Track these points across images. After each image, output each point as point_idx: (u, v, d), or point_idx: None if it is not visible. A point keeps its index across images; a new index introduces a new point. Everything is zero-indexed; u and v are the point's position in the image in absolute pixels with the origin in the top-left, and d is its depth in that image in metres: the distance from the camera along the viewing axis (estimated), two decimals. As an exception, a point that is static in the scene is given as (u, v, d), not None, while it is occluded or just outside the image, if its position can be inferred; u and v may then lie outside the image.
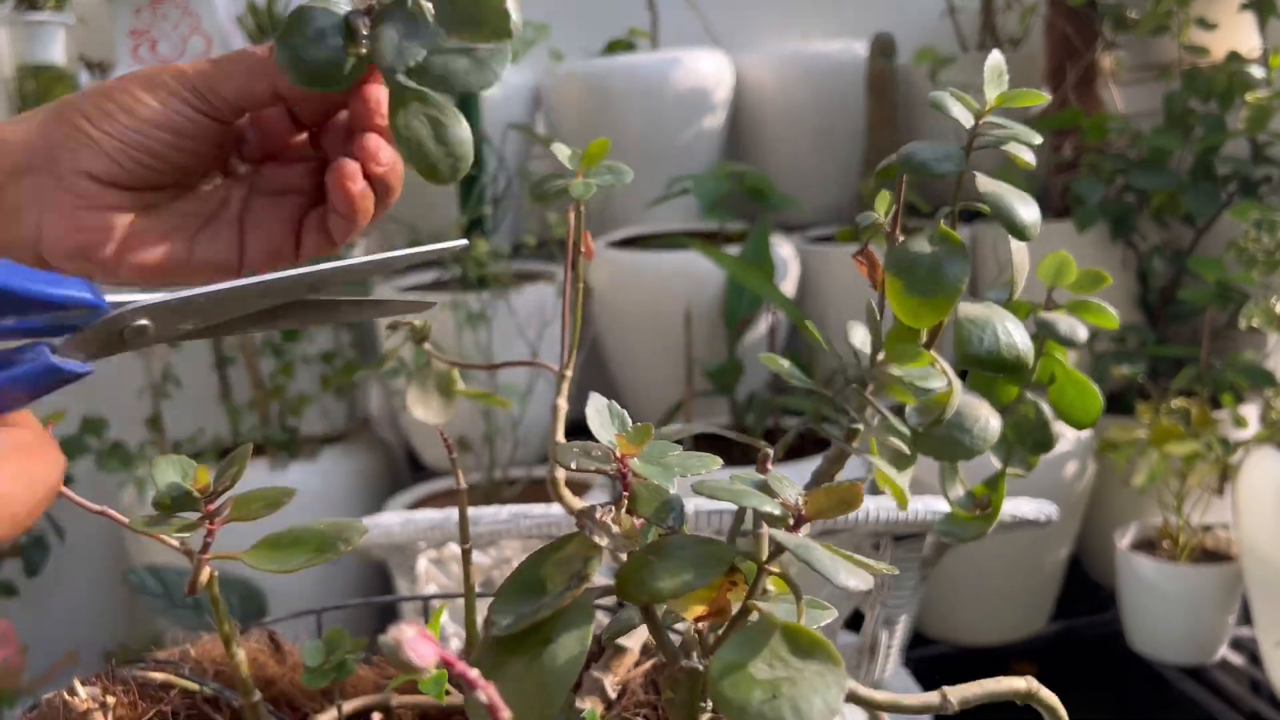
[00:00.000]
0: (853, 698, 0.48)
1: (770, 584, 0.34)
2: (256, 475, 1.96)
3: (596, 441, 0.36)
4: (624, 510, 0.35)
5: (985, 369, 0.51)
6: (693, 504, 0.88)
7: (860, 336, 0.54)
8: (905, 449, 0.57)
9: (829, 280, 2.05)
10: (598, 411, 0.37)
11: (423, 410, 0.67)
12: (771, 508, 0.32)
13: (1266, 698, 1.75)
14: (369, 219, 0.50)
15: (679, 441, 0.38)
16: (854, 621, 1.12)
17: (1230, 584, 1.76)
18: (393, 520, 0.95)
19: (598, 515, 0.35)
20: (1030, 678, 0.51)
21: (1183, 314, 2.01)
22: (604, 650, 0.59)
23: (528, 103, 2.21)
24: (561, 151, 0.57)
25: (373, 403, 2.32)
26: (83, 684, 0.53)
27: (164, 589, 1.79)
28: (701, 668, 0.34)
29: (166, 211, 0.50)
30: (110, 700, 0.53)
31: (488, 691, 0.23)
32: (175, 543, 0.46)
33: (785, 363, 0.54)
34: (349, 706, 0.57)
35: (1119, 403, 2.01)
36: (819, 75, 2.19)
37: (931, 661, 1.88)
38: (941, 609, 1.93)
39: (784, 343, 2.04)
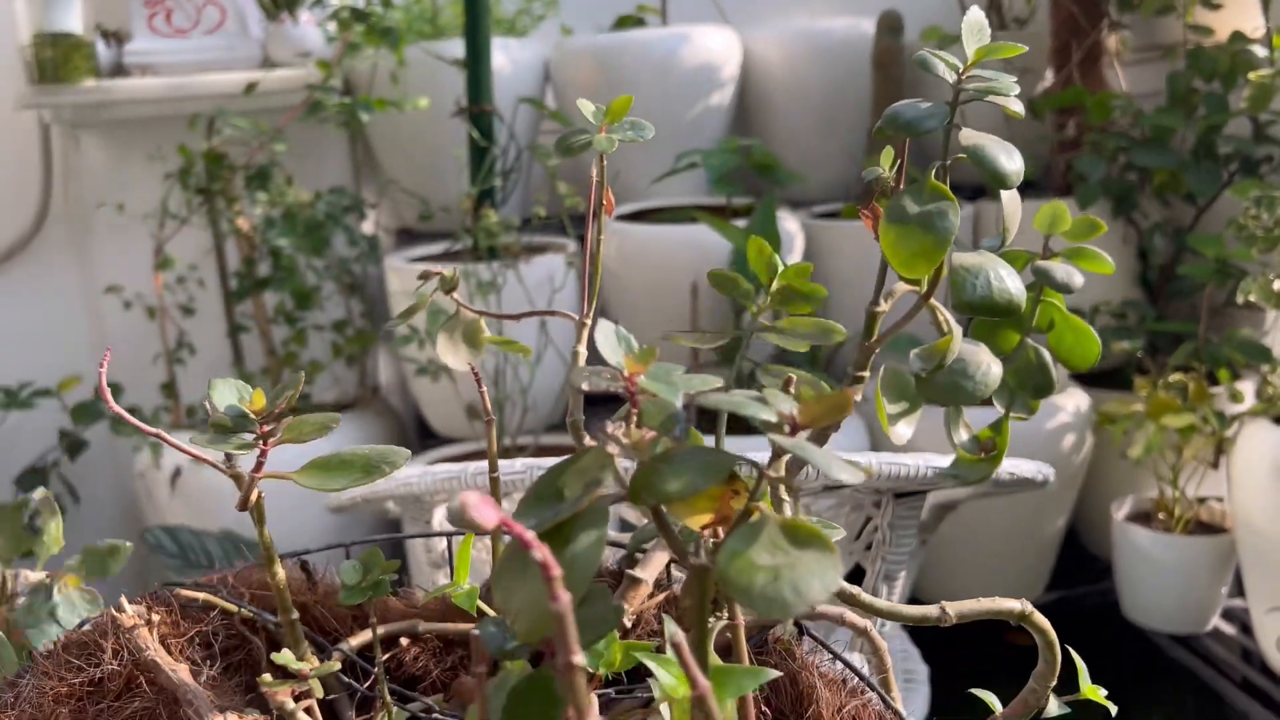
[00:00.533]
0: (856, 602, 0.52)
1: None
2: (269, 440, 1.99)
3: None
4: (633, 425, 0.38)
5: (979, 313, 0.54)
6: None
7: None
8: (910, 395, 0.60)
9: (834, 255, 2.08)
10: (605, 336, 0.40)
11: (451, 356, 0.70)
12: (769, 414, 0.35)
13: (1257, 666, 1.78)
14: None
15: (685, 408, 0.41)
16: (855, 578, 1.15)
17: (1224, 555, 1.80)
18: (411, 472, 0.99)
19: (609, 430, 0.38)
20: (1024, 600, 0.54)
21: (1182, 291, 2.03)
22: (620, 583, 0.62)
23: (537, 77, 2.23)
24: (586, 107, 0.60)
25: (382, 372, 2.36)
26: (129, 602, 0.56)
27: (179, 549, 1.83)
28: (709, 564, 0.37)
29: None
30: (155, 618, 0.57)
31: (542, 550, 0.26)
32: (218, 461, 0.49)
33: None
34: (378, 632, 0.60)
35: (1118, 378, 2.04)
36: (826, 52, 2.21)
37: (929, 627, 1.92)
38: (940, 576, 1.97)
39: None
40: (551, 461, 0.88)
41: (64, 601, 0.67)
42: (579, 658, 0.27)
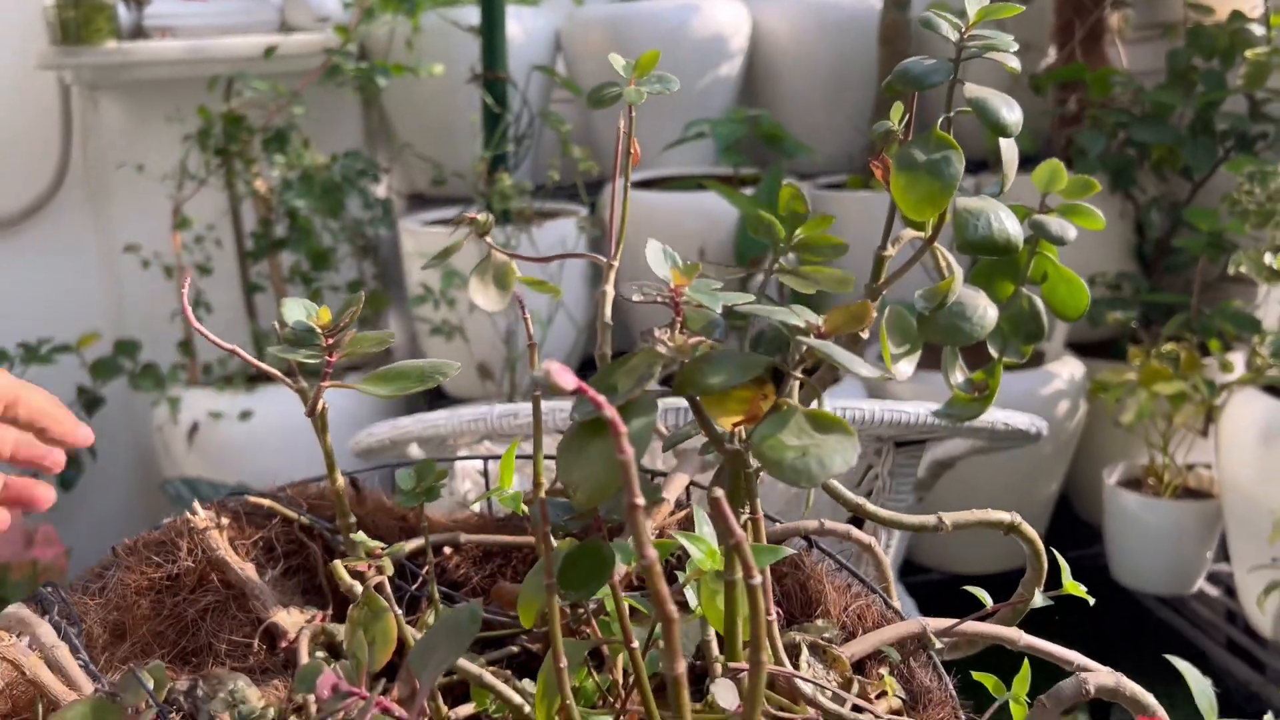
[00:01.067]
0: (861, 511, 0.57)
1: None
2: (284, 397, 2.05)
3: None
4: (677, 331, 0.44)
5: (980, 252, 0.59)
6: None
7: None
8: (912, 335, 0.66)
9: (839, 224, 2.11)
10: (654, 252, 0.45)
11: (482, 298, 0.75)
12: (796, 320, 0.40)
13: (1241, 626, 1.85)
14: None
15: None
16: (855, 525, 1.21)
17: (1210, 520, 1.86)
18: (438, 415, 1.04)
19: (656, 334, 0.43)
20: (1014, 514, 0.60)
21: (1177, 265, 2.08)
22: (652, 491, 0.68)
23: (549, 46, 2.27)
24: (617, 61, 0.64)
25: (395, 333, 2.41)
26: (202, 508, 0.62)
27: (198, 499, 1.89)
28: (742, 449, 0.43)
29: None
30: (224, 522, 0.62)
31: (610, 411, 0.31)
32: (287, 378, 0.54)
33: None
34: (420, 544, 0.65)
35: (1113, 349, 2.10)
36: (834, 26, 2.25)
37: (925, 587, 1.98)
38: (935, 539, 2.03)
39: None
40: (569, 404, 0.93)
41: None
42: (640, 499, 0.32)
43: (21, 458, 0.71)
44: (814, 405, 0.42)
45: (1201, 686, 0.44)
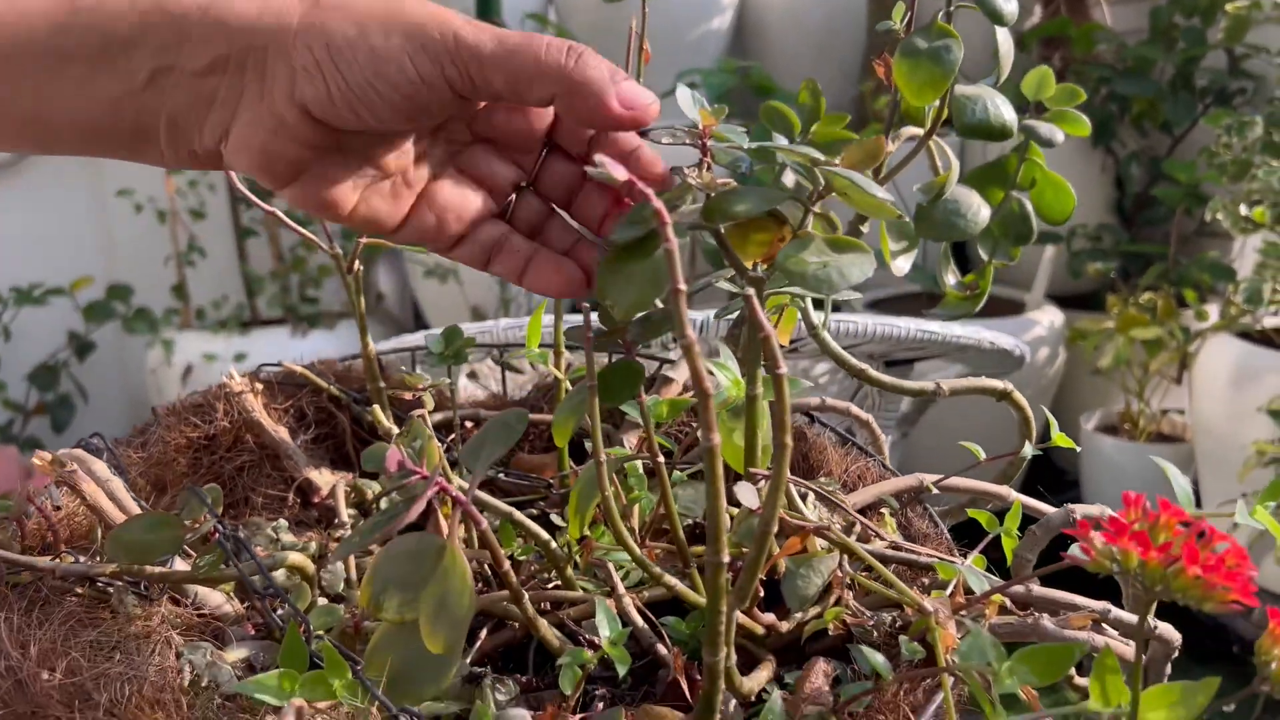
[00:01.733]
0: (862, 376, 0.61)
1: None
2: (278, 340, 2.08)
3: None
4: (704, 170, 0.47)
5: (978, 136, 0.63)
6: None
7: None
8: (909, 234, 0.69)
9: (825, 176, 2.16)
10: (684, 96, 0.48)
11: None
12: (815, 153, 0.44)
13: (1209, 567, 1.91)
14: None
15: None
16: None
17: (1182, 463, 1.92)
18: (435, 332, 1.07)
19: (687, 171, 0.46)
20: (1008, 382, 0.64)
21: (1156, 218, 2.13)
22: (655, 381, 0.71)
23: (542, -4, 2.29)
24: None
25: (383, 281, 2.43)
26: (238, 375, 0.65)
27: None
28: (764, 277, 0.46)
29: (352, 155, 0.45)
30: (258, 387, 0.65)
31: (657, 203, 0.35)
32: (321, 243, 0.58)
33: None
34: (448, 415, 0.69)
35: (1093, 301, 2.15)
36: (823, -20, 2.28)
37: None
38: (933, 462, 2.08)
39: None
40: (572, 318, 0.96)
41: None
42: (683, 285, 0.36)
43: None
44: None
45: (1180, 482, 0.48)
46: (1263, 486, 1.67)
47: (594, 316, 0.46)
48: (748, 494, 0.44)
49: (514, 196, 0.48)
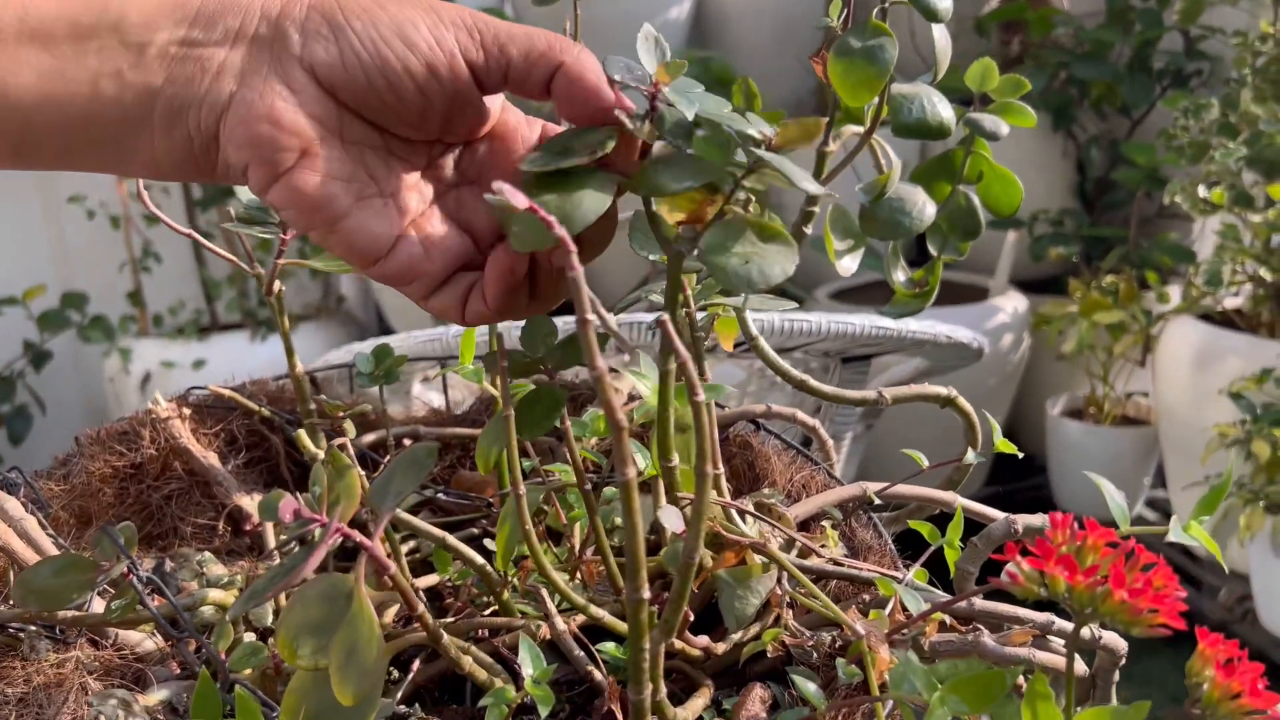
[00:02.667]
0: (803, 387, 0.60)
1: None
2: (237, 346, 2.05)
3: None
4: (648, 124, 0.44)
5: (915, 135, 0.62)
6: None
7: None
8: (855, 233, 0.68)
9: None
10: (645, 40, 0.46)
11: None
12: (752, 130, 0.42)
13: (1178, 548, 1.92)
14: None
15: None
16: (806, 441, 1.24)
17: (1147, 446, 1.92)
18: (394, 338, 1.05)
19: (625, 118, 0.43)
20: (950, 388, 0.63)
21: (1116, 202, 2.14)
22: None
23: (497, -10, 2.26)
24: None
25: (345, 284, 2.40)
26: (164, 400, 0.63)
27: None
28: (685, 251, 0.44)
29: (351, 150, 0.44)
30: (186, 413, 0.63)
31: (560, 230, 0.33)
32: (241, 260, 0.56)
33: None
34: (381, 435, 0.67)
35: (1055, 286, 2.15)
36: (781, -31, 2.26)
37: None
38: (883, 472, 2.08)
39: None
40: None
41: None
42: (591, 314, 0.34)
43: None
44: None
45: (1116, 499, 0.47)
46: (1225, 469, 1.67)
47: (514, 337, 0.45)
48: (672, 518, 0.43)
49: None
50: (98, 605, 0.49)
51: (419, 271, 0.45)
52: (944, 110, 0.62)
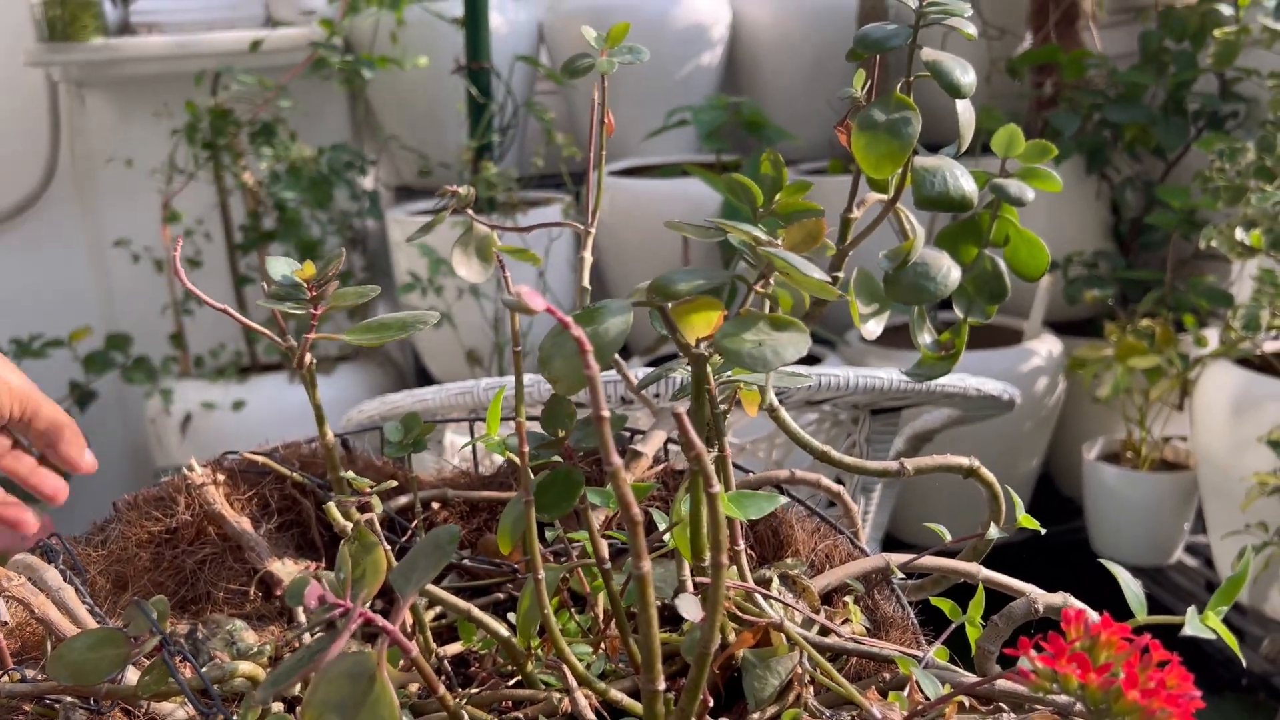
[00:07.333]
0: (825, 458, 0.60)
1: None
2: (276, 386, 2.08)
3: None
4: None
5: (937, 208, 0.62)
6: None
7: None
8: (879, 296, 0.69)
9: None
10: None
11: (465, 269, 0.77)
12: (759, 233, 0.43)
13: (1217, 596, 1.89)
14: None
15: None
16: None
17: (1186, 491, 1.90)
18: (426, 391, 1.07)
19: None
20: (973, 458, 0.63)
21: (1152, 243, 2.12)
22: (624, 454, 0.70)
23: (532, 37, 2.30)
24: (589, 33, 0.67)
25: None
26: (199, 465, 0.65)
27: (193, 488, 1.91)
28: (706, 354, 0.45)
29: None
30: (220, 477, 0.65)
31: (578, 331, 0.34)
32: (277, 335, 0.57)
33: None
34: (409, 499, 0.68)
35: (1090, 328, 2.14)
36: (814, 15, 2.28)
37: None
38: (917, 515, 2.07)
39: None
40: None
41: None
42: (606, 412, 0.35)
43: (20, 474, 0.74)
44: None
45: (1133, 587, 0.47)
46: (1266, 517, 1.65)
47: (534, 426, 0.46)
48: (689, 606, 0.43)
49: None
50: (131, 674, 0.51)
51: None
52: (966, 184, 0.62)
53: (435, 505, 0.69)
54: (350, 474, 0.54)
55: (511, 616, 0.58)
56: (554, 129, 1.99)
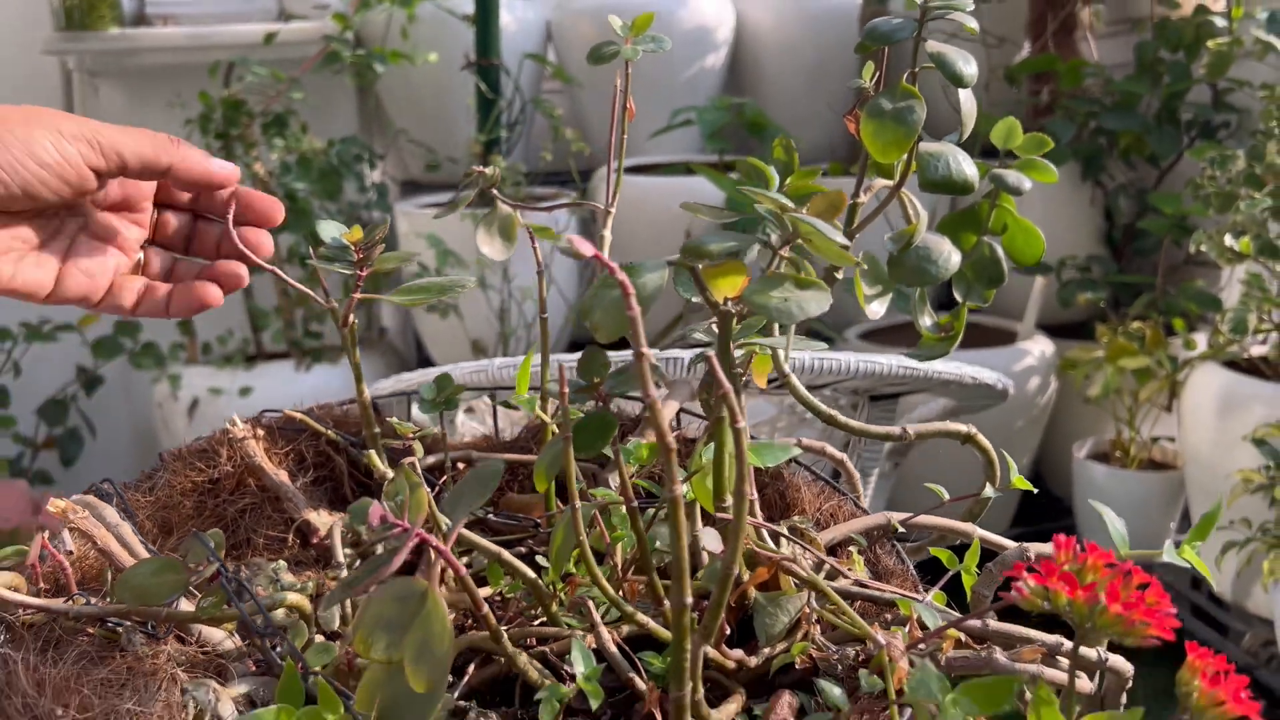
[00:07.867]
0: (831, 421, 0.64)
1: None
2: (282, 374, 2.11)
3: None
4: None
5: (941, 191, 0.66)
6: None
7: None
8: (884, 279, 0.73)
9: (819, 209, 2.20)
10: None
11: (489, 247, 0.81)
12: (785, 200, 0.47)
13: (1205, 593, 1.93)
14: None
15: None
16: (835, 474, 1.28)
17: (1174, 490, 1.94)
18: (438, 370, 1.10)
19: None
20: (971, 425, 0.67)
21: (1144, 249, 2.17)
22: (640, 421, 0.74)
23: (540, 36, 2.34)
24: (615, 22, 0.71)
25: (385, 316, 2.47)
26: (240, 421, 0.68)
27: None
28: (732, 310, 0.49)
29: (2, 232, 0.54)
30: (259, 433, 0.69)
31: (620, 275, 0.38)
32: (314, 296, 0.61)
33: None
34: (440, 458, 0.72)
35: (1082, 331, 2.18)
36: (817, 18, 2.33)
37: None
38: (907, 510, 2.10)
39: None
40: (568, 357, 1.00)
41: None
42: (646, 349, 0.39)
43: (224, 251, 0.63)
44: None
45: (1117, 525, 0.51)
46: (1249, 513, 1.68)
47: (571, 372, 0.49)
48: (711, 539, 0.47)
49: (141, 254, 0.60)
50: (183, 606, 0.54)
51: (88, 292, 0.57)
52: (968, 168, 0.66)
53: (461, 465, 0.73)
54: (394, 419, 0.58)
55: (538, 563, 0.62)
56: (561, 125, 2.03)
